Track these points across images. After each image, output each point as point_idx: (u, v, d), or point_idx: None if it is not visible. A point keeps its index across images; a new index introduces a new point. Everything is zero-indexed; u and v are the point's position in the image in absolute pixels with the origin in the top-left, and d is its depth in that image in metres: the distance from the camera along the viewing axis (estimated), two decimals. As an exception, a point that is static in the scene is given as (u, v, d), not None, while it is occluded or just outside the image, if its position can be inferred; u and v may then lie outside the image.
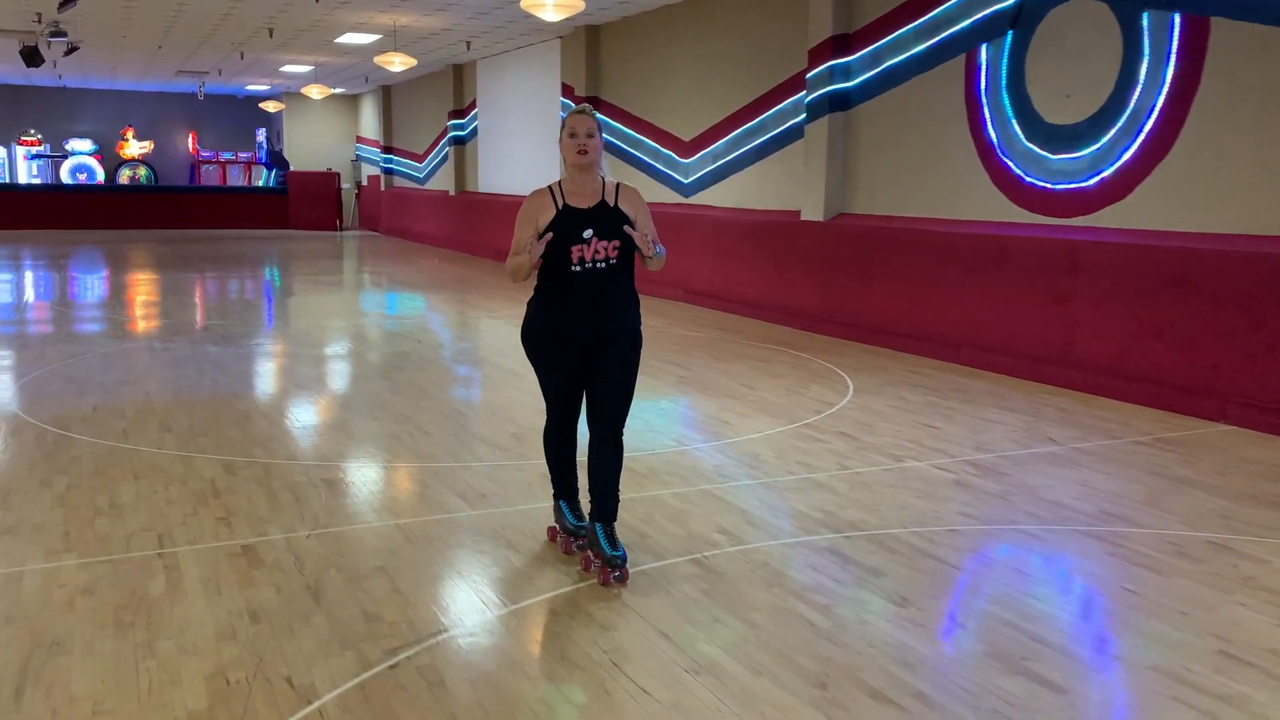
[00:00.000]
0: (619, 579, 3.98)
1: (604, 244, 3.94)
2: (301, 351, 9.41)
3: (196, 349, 9.16)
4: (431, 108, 23.68)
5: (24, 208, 26.17)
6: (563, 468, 4.35)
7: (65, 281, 15.26)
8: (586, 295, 3.96)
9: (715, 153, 12.91)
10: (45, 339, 9.72)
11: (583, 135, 3.96)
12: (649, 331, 4.39)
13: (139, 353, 8.94)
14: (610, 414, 4.06)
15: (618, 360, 4.03)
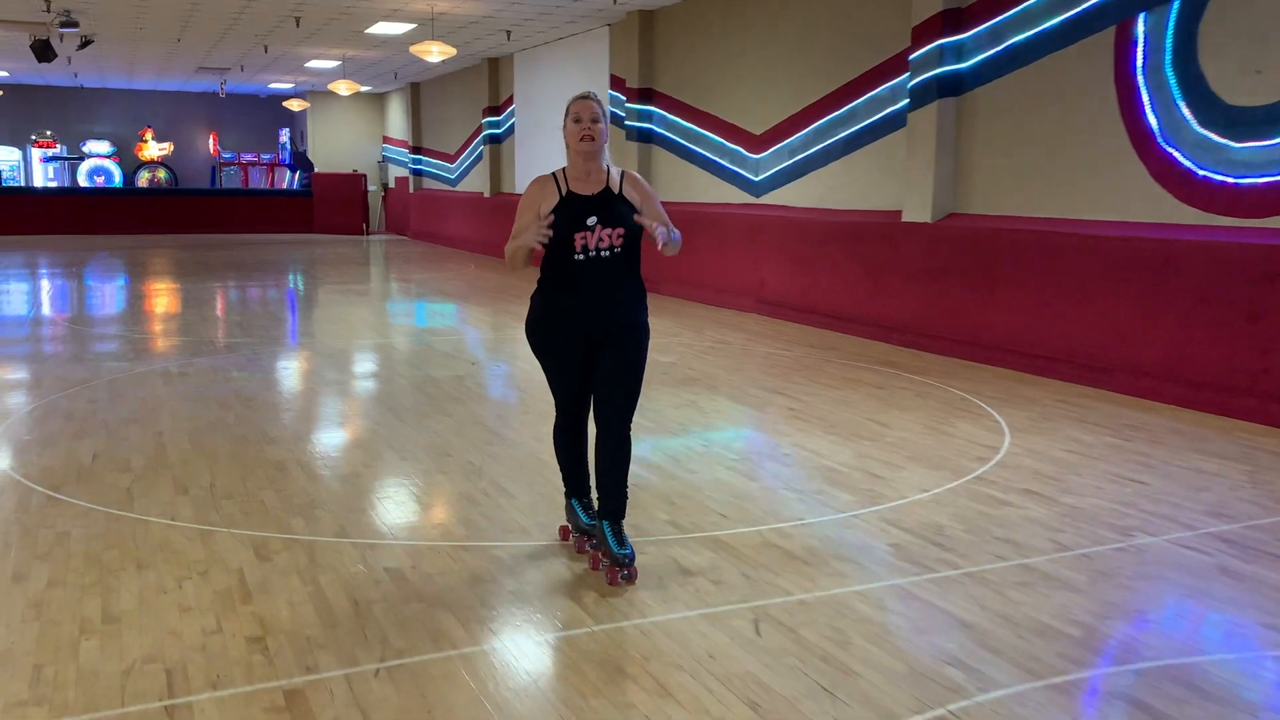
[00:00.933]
0: (627, 578, 3.86)
1: (608, 231, 3.83)
2: (338, 377, 8.14)
3: (218, 374, 7.90)
4: (464, 105, 22.44)
5: (40, 212, 25.09)
6: (574, 465, 4.22)
7: (79, 292, 14.08)
8: (590, 285, 3.85)
9: (792, 147, 11.57)
10: (48, 362, 8.48)
11: (587, 120, 3.87)
12: (729, 348, 5.06)
13: (153, 380, 7.69)
14: (617, 409, 3.93)
15: (623, 353, 3.91)
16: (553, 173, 4.00)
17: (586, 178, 3.93)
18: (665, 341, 9.74)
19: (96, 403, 6.86)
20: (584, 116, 3.91)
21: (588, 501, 4.26)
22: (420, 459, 5.68)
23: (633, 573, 3.89)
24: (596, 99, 3.96)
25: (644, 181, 4.09)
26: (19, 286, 14.44)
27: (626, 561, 3.88)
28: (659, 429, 6.38)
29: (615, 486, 3.97)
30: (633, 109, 14.69)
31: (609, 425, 3.95)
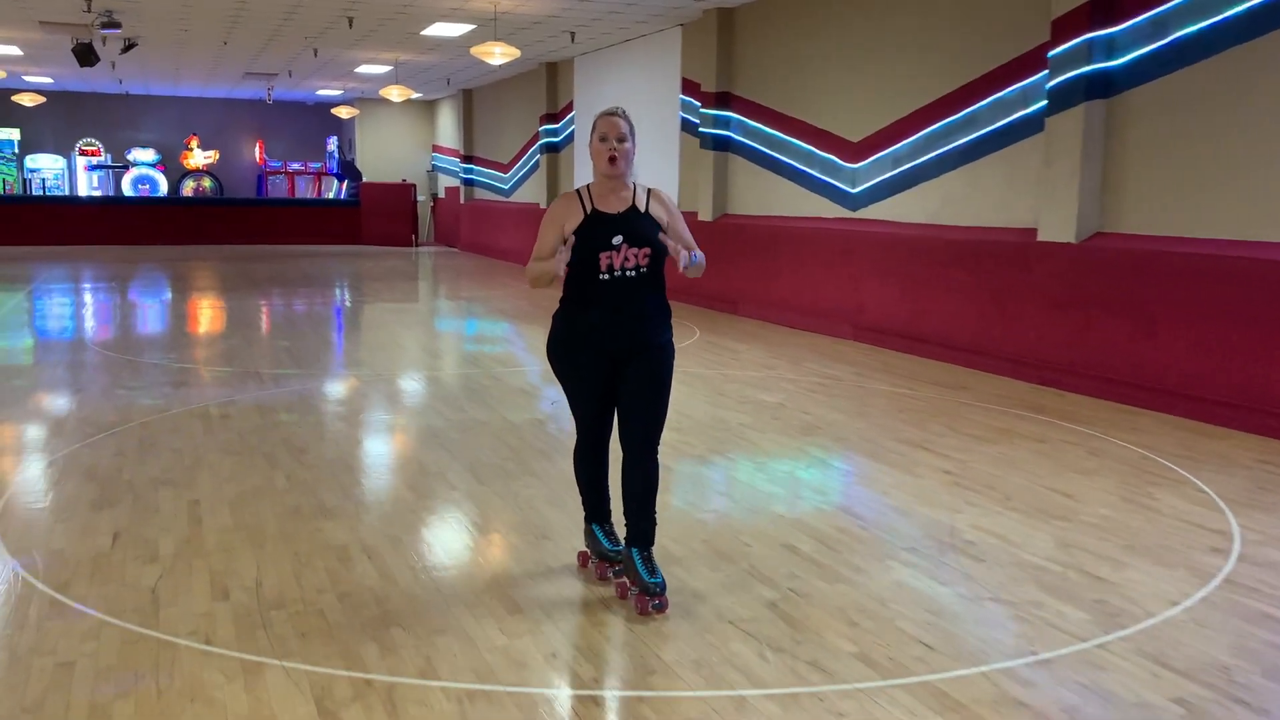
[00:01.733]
0: (658, 607, 3.75)
1: (634, 251, 3.77)
2: (401, 421, 7.08)
3: (265, 416, 6.87)
4: (519, 112, 21.46)
5: (84, 222, 24.47)
6: (594, 489, 4.13)
7: (119, 311, 13.19)
8: (615, 305, 3.79)
9: (897, 156, 10.40)
10: (76, 398, 7.51)
11: (614, 140, 3.79)
12: (839, 386, 5.57)
13: (191, 424, 6.67)
14: (643, 432, 3.85)
15: (649, 374, 3.82)
16: (578, 189, 3.89)
17: (612, 195, 3.84)
18: (762, 375, 8.59)
19: (124, 455, 5.84)
20: (610, 135, 3.80)
21: (609, 527, 4.15)
22: (518, 547, 4.57)
23: (663, 602, 3.77)
24: (625, 116, 3.85)
25: (669, 199, 3.99)
26: (59, 303, 13.60)
27: (657, 590, 3.76)
28: (794, 498, 5.24)
29: (643, 511, 3.85)
30: (708, 114, 13.58)
31: (636, 448, 3.84)
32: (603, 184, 3.85)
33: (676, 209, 3.97)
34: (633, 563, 3.82)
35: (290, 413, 7.05)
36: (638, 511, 3.85)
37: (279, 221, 26.03)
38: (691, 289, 14.06)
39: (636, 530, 3.85)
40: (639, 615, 3.71)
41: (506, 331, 11.42)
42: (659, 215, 3.87)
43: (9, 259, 19.90)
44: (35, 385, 7.92)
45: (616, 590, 3.92)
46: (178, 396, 7.49)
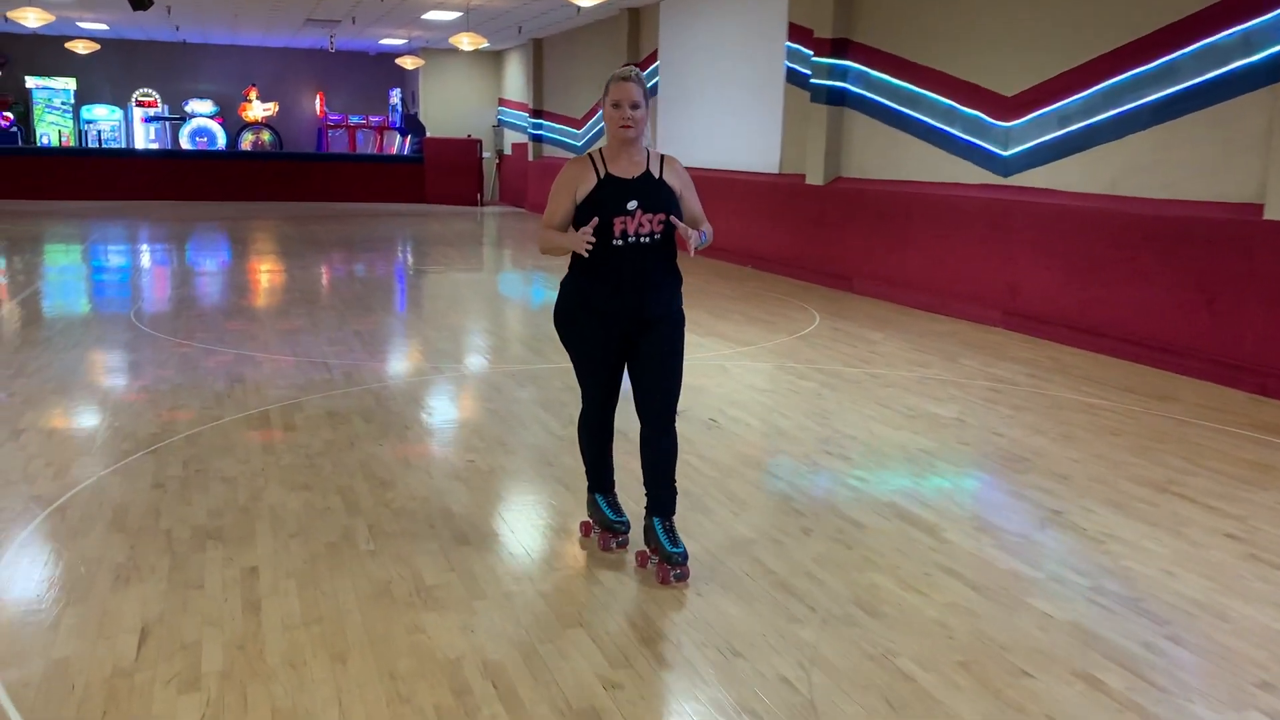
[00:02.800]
0: (679, 577, 3.72)
1: (648, 217, 3.66)
2: (506, 435, 5.77)
3: (338, 429, 5.63)
4: (596, 63, 19.98)
5: (141, 176, 23.47)
6: (599, 459, 4.06)
7: (173, 280, 12.07)
8: (628, 271, 3.67)
9: (1065, 113, 8.84)
10: (112, 403, 6.34)
11: (627, 106, 3.64)
12: (1016, 392, 5.24)
13: (249, 440, 5.45)
14: (661, 401, 3.79)
15: (663, 343, 3.76)
16: (589, 153, 3.76)
17: (626, 160, 3.72)
18: (917, 377, 7.18)
19: (164, 488, 4.62)
20: (624, 101, 3.66)
21: (613, 497, 4.12)
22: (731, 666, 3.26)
23: (685, 571, 3.75)
24: (638, 79, 3.69)
25: (682, 167, 3.87)
26: (108, 269, 12.54)
27: (679, 560, 3.74)
28: (1055, 584, 3.84)
29: (665, 481, 3.83)
30: (821, 64, 12.04)
31: (656, 418, 3.81)
32: (616, 149, 3.72)
33: (689, 178, 3.85)
34: (655, 532, 3.81)
35: (367, 422, 5.79)
36: (659, 481, 3.83)
37: (340, 178, 24.86)
38: (794, 259, 12.60)
39: (657, 500, 3.83)
40: (660, 584, 3.69)
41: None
42: (672, 182, 3.76)
43: (64, 215, 18.97)
44: (69, 377, 6.75)
45: (636, 559, 3.89)
46: (232, 396, 6.28)
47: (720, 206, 14.92)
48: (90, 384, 6.59)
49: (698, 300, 10.64)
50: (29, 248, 14.16)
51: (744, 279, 12.55)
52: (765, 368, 7.50)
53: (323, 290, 10.87)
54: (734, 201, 14.37)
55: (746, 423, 6.00)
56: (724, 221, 15.14)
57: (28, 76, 25.59)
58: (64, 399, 6.16)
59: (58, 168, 23.02)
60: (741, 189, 14.18)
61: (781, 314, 9.91)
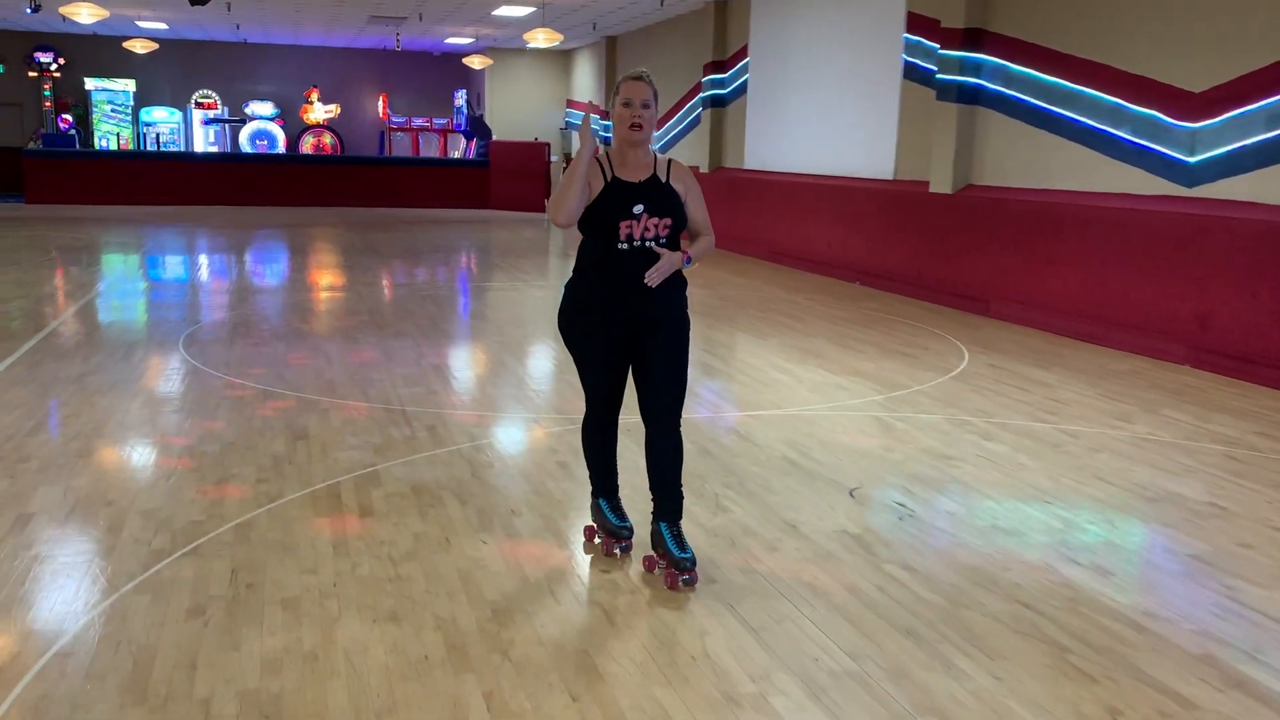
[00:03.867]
0: (688, 583, 3.68)
1: (655, 221, 3.64)
2: (634, 519, 4.52)
3: (426, 518, 4.40)
4: (675, 61, 18.73)
5: (200, 180, 22.60)
6: (603, 463, 4.02)
7: (227, 299, 11.01)
8: (634, 276, 3.63)
9: (1273, 113, 7.39)
10: (148, 470, 5.20)
11: (638, 105, 3.63)
12: (1255, 457, 4.48)
13: (313, 531, 4.26)
14: (666, 403, 3.78)
15: (670, 346, 3.75)
16: (594, 155, 3.64)
17: (633, 163, 3.68)
18: (1124, 436, 5.78)
19: (206, 619, 3.41)
20: (635, 101, 3.63)
21: (617, 501, 4.05)
22: None
23: (693, 577, 3.69)
24: (649, 80, 3.69)
25: (689, 172, 3.81)
26: (165, 283, 11.54)
27: (688, 566, 3.68)
28: None
29: (671, 486, 3.78)
30: (950, 58, 10.66)
31: (661, 421, 3.77)
32: (623, 151, 3.69)
33: (695, 183, 3.80)
34: (662, 537, 3.76)
35: (463, 504, 4.56)
36: (666, 485, 3.79)
37: (403, 183, 23.84)
38: (914, 276, 11.21)
39: (665, 505, 3.79)
40: (668, 589, 3.61)
41: (731, 344, 8.84)
42: (678, 187, 3.73)
43: (121, 221, 18.13)
44: (98, 435, 5.62)
45: (644, 564, 3.82)
46: (294, 461, 5.09)
47: (820, 216, 13.58)
48: (122, 443, 5.44)
49: (811, 324, 9.29)
50: (82, 258, 13.23)
51: (856, 298, 11.19)
52: (934, 422, 6.15)
53: (391, 311, 9.71)
54: (837, 210, 13.01)
55: (947, 510, 4.67)
56: (825, 231, 13.83)
57: (87, 78, 24.95)
58: (86, 469, 5.00)
59: (116, 172, 22.28)
60: (846, 197, 12.82)
61: (919, 344, 8.56)
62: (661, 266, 3.60)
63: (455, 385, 6.88)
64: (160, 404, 6.18)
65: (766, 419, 6.18)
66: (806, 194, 13.85)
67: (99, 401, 6.15)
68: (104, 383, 6.60)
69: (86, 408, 6.01)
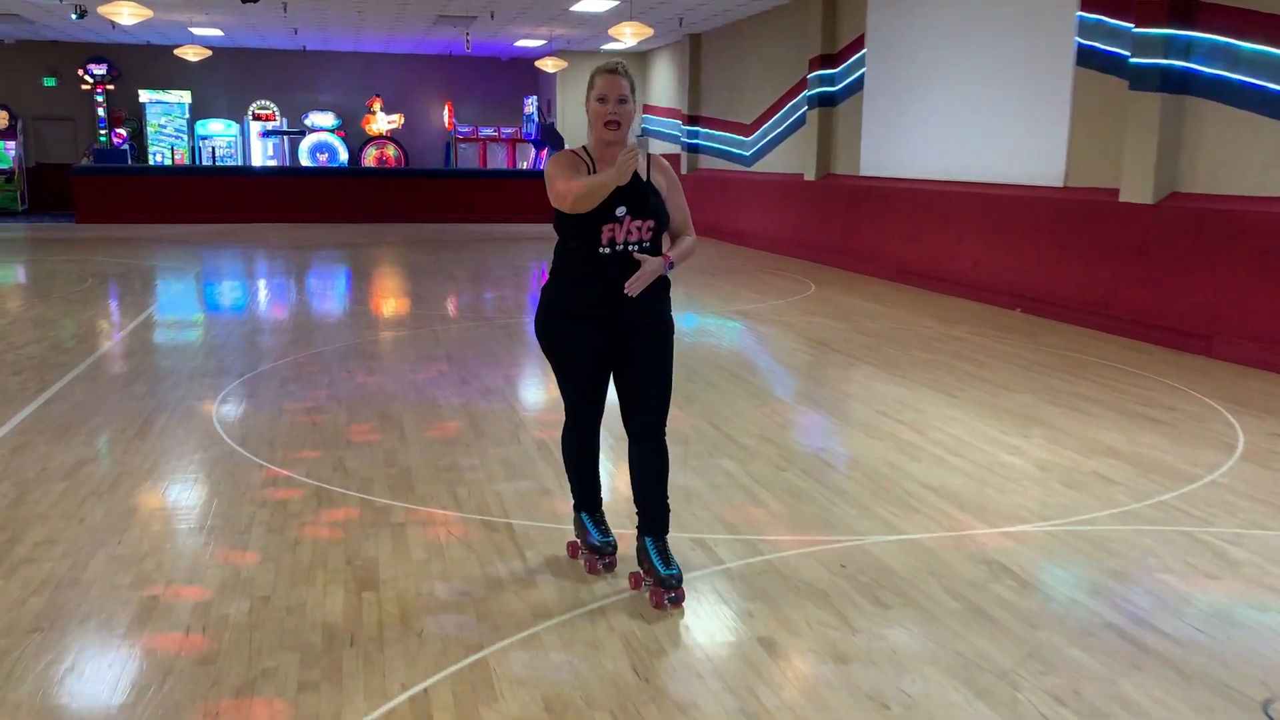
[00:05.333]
0: (674, 600, 3.52)
1: (637, 224, 3.47)
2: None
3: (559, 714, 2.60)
4: (773, 58, 16.86)
5: (258, 196, 21.17)
6: (584, 475, 3.87)
7: (278, 339, 9.35)
8: (614, 280, 3.47)
9: None
10: (138, 652, 3.49)
11: (614, 100, 3.45)
12: None
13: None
14: (650, 412, 3.61)
15: (655, 353, 3.59)
16: (574, 151, 3.58)
17: (613, 161, 3.41)
18: None
19: None
20: (610, 96, 3.45)
21: (600, 516, 3.91)
22: None
23: (680, 594, 3.54)
24: (626, 73, 3.48)
25: (670, 167, 3.69)
26: (212, 316, 9.93)
27: (674, 583, 3.53)
28: None
29: (657, 497, 3.62)
30: (1150, 37, 8.66)
31: (644, 431, 3.62)
32: (602, 149, 3.55)
33: (676, 178, 3.68)
34: (647, 553, 3.59)
35: (611, 654, 2.78)
36: (651, 498, 3.62)
37: (470, 196, 22.20)
38: (1099, 305, 9.18)
39: (650, 518, 3.62)
40: (654, 609, 3.44)
41: (910, 409, 6.95)
42: (659, 184, 3.59)
43: (172, 241, 16.71)
44: (62, 590, 3.90)
45: (630, 581, 3.66)
46: (356, 644, 3.31)
47: (962, 230, 11.57)
48: (98, 614, 3.70)
49: (1000, 370, 7.29)
50: (123, 287, 11.72)
51: (1028, 331, 9.21)
52: (1264, 540, 4.20)
53: (472, 355, 7.96)
54: (986, 223, 11.03)
55: None
56: (969, 248, 11.50)
57: (141, 90, 23.77)
58: (31, 672, 3.27)
59: (168, 189, 20.95)
60: (1000, 208, 10.84)
61: (1159, 402, 6.58)
62: (643, 275, 3.45)
63: (541, 457, 5.09)
64: (171, 520, 4.44)
65: (1032, 540, 4.27)
66: (944, 204, 11.89)
67: (88, 515, 4.43)
68: (101, 479, 4.90)
69: (67, 530, 4.28)
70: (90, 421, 5.91)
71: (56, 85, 23.65)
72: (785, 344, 8.76)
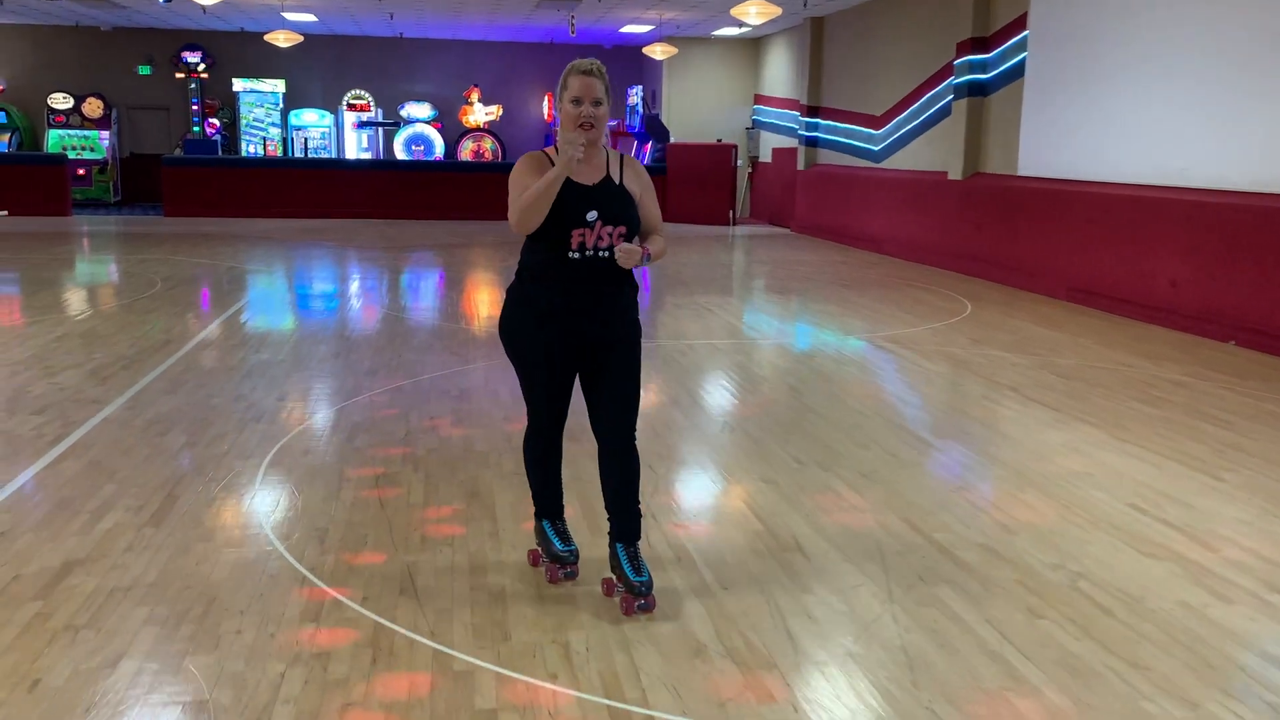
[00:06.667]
0: (644, 608, 3.50)
1: (608, 230, 3.41)
2: None
3: None
4: (912, 41, 15.09)
5: (350, 191, 20.17)
6: (546, 482, 3.77)
7: (360, 372, 8.05)
8: (584, 286, 3.44)
9: None
10: None
11: (588, 103, 3.37)
12: None
13: None
14: (620, 418, 3.55)
15: (621, 359, 3.53)
16: (544, 150, 3.51)
17: (585, 163, 3.41)
18: None
19: None
20: (585, 98, 3.36)
21: (562, 525, 3.80)
22: None
23: (650, 601, 3.52)
24: (600, 74, 3.41)
25: (642, 167, 3.65)
26: (279, 337, 8.69)
27: (643, 590, 3.50)
28: None
29: (628, 504, 3.56)
30: None
31: (614, 436, 3.55)
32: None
33: (649, 180, 3.62)
34: (618, 560, 3.55)
35: None
36: (622, 505, 3.56)
37: (570, 191, 20.86)
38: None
39: (623, 526, 3.57)
40: (625, 615, 3.44)
41: (1154, 492, 5.30)
42: (632, 187, 3.53)
43: (257, 239, 15.72)
44: None
45: (603, 587, 3.63)
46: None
47: (1160, 244, 9.54)
48: None
49: (1255, 432, 5.53)
50: (192, 294, 10.61)
51: (1262, 375, 7.40)
52: None
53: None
54: (1192, 239, 9.18)
55: None
56: (1168, 267, 9.29)
57: (235, 79, 23.00)
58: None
59: (257, 181, 20.08)
60: (1214, 218, 8.99)
61: None
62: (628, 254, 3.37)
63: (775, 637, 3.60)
64: (160, 685, 3.05)
65: None
66: (1135, 213, 10.04)
67: (46, 676, 3.07)
68: (84, 604, 3.54)
69: (9, 702, 2.94)
70: (101, 492, 4.61)
71: (151, 73, 23.04)
72: (964, 388, 7.12)
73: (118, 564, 3.84)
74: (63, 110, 22.10)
